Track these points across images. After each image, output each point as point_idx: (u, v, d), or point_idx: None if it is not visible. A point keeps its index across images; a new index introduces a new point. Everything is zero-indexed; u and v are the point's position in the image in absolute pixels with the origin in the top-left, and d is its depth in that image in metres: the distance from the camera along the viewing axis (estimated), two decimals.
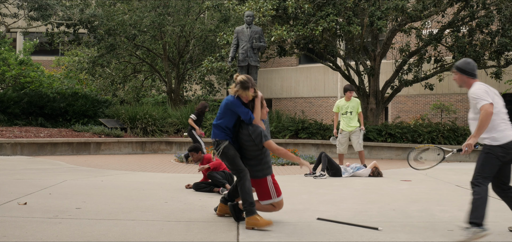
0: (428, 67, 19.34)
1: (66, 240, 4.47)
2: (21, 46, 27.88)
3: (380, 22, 14.95)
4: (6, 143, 14.28)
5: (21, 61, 21.35)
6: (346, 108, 10.73)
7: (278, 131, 17.38)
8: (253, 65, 13.94)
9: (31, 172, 9.61)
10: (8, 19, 21.69)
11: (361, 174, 10.13)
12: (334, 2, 15.43)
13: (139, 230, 4.89)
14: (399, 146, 16.43)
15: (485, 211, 4.54)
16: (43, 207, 5.98)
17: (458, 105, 21.51)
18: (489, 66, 17.00)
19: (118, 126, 17.51)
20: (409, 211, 6.18)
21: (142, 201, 6.62)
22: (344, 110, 10.76)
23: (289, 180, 9.53)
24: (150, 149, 17.19)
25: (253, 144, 5.17)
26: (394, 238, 4.71)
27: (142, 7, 21.58)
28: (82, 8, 19.33)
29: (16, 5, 19.16)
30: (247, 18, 13.95)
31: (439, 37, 16.49)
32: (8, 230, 4.76)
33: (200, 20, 22.77)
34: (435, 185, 8.90)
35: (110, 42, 21.11)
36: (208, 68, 16.86)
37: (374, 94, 17.92)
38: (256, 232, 4.91)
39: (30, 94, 18.45)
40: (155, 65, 25.01)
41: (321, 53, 18.09)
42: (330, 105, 24.94)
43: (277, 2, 15.00)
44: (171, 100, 23.35)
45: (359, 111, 10.80)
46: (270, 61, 24.47)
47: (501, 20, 15.62)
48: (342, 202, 6.82)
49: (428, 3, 15.50)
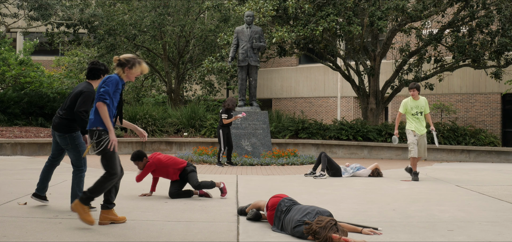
0: (428, 67, 19.34)
1: (66, 240, 4.47)
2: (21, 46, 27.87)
3: (380, 22, 14.95)
4: (6, 143, 14.28)
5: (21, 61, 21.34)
6: (417, 108, 9.54)
7: (278, 131, 17.37)
8: (253, 65, 13.94)
9: (31, 172, 9.61)
10: (8, 19, 21.68)
11: (361, 174, 10.12)
12: (334, 2, 15.43)
13: (139, 230, 4.89)
14: (399, 146, 16.41)
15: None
16: (43, 207, 5.98)
17: (458, 105, 21.51)
18: (489, 66, 17.00)
19: (118, 126, 17.51)
20: (409, 211, 6.18)
21: (142, 201, 6.62)
22: (414, 110, 9.54)
23: (289, 180, 9.53)
24: (150, 149, 17.19)
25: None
26: (394, 238, 4.71)
27: (142, 7, 21.57)
28: (82, 8, 19.33)
29: (16, 5, 19.15)
30: (247, 18, 13.95)
31: (439, 37, 16.49)
32: (8, 230, 4.76)
33: (200, 20, 22.77)
34: (435, 185, 8.90)
35: (110, 42, 21.11)
36: (208, 68, 16.87)
37: (374, 94, 17.92)
38: (256, 232, 4.91)
39: (30, 94, 18.45)
40: (155, 65, 25.00)
41: (321, 53, 18.09)
42: (330, 105, 24.94)
43: (277, 2, 15.00)
44: (171, 100, 23.35)
45: (427, 111, 9.66)
46: (270, 61, 24.47)
47: (501, 20, 15.62)
48: (342, 202, 6.82)
49: (428, 3, 15.50)
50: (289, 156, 13.44)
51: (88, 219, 4.83)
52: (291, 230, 4.69)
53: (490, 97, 21.06)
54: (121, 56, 5.11)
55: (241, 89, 14.27)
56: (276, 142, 16.46)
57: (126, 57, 5.10)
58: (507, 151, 16.38)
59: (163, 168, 6.96)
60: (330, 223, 4.42)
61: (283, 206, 4.96)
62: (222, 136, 12.08)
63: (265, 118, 13.99)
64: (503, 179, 10.08)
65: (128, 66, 5.07)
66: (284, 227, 4.83)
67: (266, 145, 13.76)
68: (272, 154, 13.41)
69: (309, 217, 4.64)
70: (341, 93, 24.51)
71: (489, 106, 21.07)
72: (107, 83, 4.95)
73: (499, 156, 16.28)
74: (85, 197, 4.87)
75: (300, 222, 4.63)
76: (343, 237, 4.38)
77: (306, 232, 4.51)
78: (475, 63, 16.61)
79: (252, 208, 5.48)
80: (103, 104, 4.86)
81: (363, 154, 16.75)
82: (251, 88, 14.13)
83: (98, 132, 4.90)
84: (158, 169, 6.97)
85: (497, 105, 20.91)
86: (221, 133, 12.07)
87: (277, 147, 15.74)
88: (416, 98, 9.53)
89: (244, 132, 13.65)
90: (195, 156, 13.30)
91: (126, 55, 5.13)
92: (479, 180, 9.81)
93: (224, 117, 12.02)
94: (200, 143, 16.44)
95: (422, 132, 9.49)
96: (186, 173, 7.01)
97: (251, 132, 13.72)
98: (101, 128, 4.90)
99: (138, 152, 7.04)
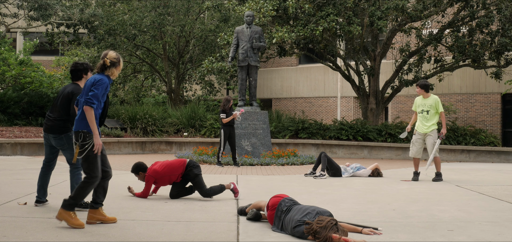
0: (428, 67, 19.33)
1: (66, 240, 4.47)
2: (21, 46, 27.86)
3: (380, 22, 14.95)
4: (6, 143, 14.28)
5: (21, 61, 21.31)
6: (423, 106, 9.38)
7: (278, 131, 17.38)
8: (253, 65, 13.94)
9: (31, 172, 9.61)
10: (8, 19, 21.67)
11: (361, 174, 10.12)
12: (334, 2, 15.43)
13: (139, 230, 4.89)
14: (399, 146, 16.42)
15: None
16: (43, 207, 5.98)
17: (458, 105, 21.51)
18: (489, 66, 17.00)
19: (118, 126, 17.51)
20: (409, 211, 6.18)
21: (142, 201, 6.62)
22: (420, 108, 9.40)
23: (289, 180, 9.53)
24: (150, 149, 17.18)
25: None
26: (394, 238, 4.71)
27: (142, 7, 21.57)
28: (82, 8, 19.32)
29: (16, 5, 19.15)
30: (247, 18, 13.95)
31: (439, 37, 16.49)
32: (8, 230, 4.77)
33: (200, 20, 22.76)
34: (435, 185, 8.90)
35: (110, 42, 21.09)
36: (208, 68, 16.87)
37: (374, 94, 17.92)
38: (256, 232, 4.91)
39: (30, 94, 18.44)
40: (155, 65, 25.00)
41: (321, 53, 18.09)
42: (330, 105, 24.95)
43: (277, 2, 15.00)
44: (171, 100, 23.34)
45: (439, 110, 9.30)
46: (270, 61, 24.46)
47: (501, 20, 15.62)
48: (342, 202, 6.82)
49: (428, 3, 15.50)
50: (289, 156, 13.44)
51: (77, 223, 4.85)
52: (291, 230, 4.69)
53: (490, 97, 21.06)
54: (110, 57, 5.06)
55: (241, 89, 14.27)
56: (276, 142, 16.46)
57: (114, 56, 5.08)
58: (507, 151, 16.38)
59: (161, 178, 6.80)
60: (331, 223, 4.42)
61: (283, 206, 4.96)
62: (223, 136, 12.09)
63: (265, 118, 13.99)
64: (503, 179, 10.08)
65: (117, 65, 5.09)
66: (284, 227, 4.83)
67: (266, 145, 13.76)
68: (272, 154, 13.41)
69: (310, 217, 4.65)
70: (341, 93, 24.51)
71: (489, 106, 21.07)
72: (96, 86, 4.92)
73: (499, 156, 16.28)
74: (68, 204, 4.89)
75: (300, 222, 4.63)
76: (343, 237, 4.39)
77: (307, 232, 4.52)
78: (475, 63, 16.61)
79: (252, 208, 5.49)
80: (90, 108, 4.88)
81: (363, 154, 16.76)
82: (251, 88, 14.13)
83: (83, 134, 4.92)
84: (158, 180, 6.83)
85: (497, 105, 20.91)
86: (222, 133, 12.09)
87: (277, 147, 15.74)
88: (424, 96, 9.40)
89: (244, 132, 13.65)
90: (195, 156, 13.32)
91: (111, 54, 5.08)
92: (479, 180, 9.81)
93: (223, 117, 12.02)
94: (200, 143, 16.44)
95: (424, 131, 9.31)
96: (190, 177, 6.77)
97: (251, 132, 13.72)
98: (85, 131, 4.93)
99: (135, 166, 6.92)
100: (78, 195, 4.94)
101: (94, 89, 4.91)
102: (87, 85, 5.00)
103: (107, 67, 5.04)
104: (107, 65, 5.03)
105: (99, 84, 4.93)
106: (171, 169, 6.78)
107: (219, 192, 6.78)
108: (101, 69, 5.04)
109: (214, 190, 6.77)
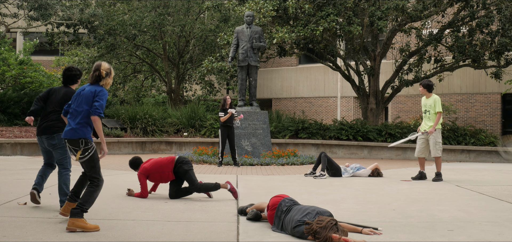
0: (428, 67, 19.33)
1: (66, 240, 4.47)
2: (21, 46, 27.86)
3: (380, 22, 14.95)
4: (6, 143, 14.28)
5: (21, 61, 21.31)
6: (425, 106, 9.42)
7: (278, 131, 17.37)
8: (253, 65, 13.94)
9: (31, 172, 9.60)
10: (8, 19, 21.67)
11: (361, 174, 10.12)
12: (334, 2, 15.43)
13: (139, 230, 4.89)
14: (399, 146, 16.41)
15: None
16: (43, 207, 5.98)
17: (458, 105, 21.52)
18: (489, 66, 17.00)
19: (118, 126, 17.51)
20: (409, 211, 6.18)
21: (142, 201, 6.62)
22: (423, 108, 9.45)
23: (289, 180, 9.53)
24: (150, 149, 17.19)
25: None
26: (394, 238, 4.71)
27: (142, 7, 21.57)
28: (82, 8, 19.31)
29: (16, 5, 19.14)
30: (247, 18, 13.95)
31: (439, 37, 16.49)
32: (8, 230, 4.77)
33: (200, 20, 22.77)
34: (435, 185, 8.90)
35: (110, 42, 21.10)
36: (208, 68, 16.87)
37: (374, 94, 17.92)
38: (256, 232, 4.91)
39: (30, 94, 18.43)
40: (155, 65, 25.00)
41: (321, 53, 18.09)
42: (330, 105, 24.95)
43: (278, 2, 15.00)
44: (171, 100, 23.34)
45: (436, 110, 9.26)
46: (270, 61, 24.47)
47: (501, 20, 15.61)
48: (342, 202, 6.83)
49: (428, 3, 15.50)
50: (289, 156, 13.44)
51: (92, 227, 4.85)
52: (291, 230, 4.69)
53: (490, 97, 21.06)
54: (105, 68, 5.18)
55: (241, 89, 14.27)
56: (276, 142, 16.46)
57: (107, 67, 5.23)
58: (507, 151, 16.37)
59: (152, 175, 6.86)
60: (331, 223, 4.42)
61: (283, 206, 4.96)
62: (221, 136, 12.11)
63: (265, 118, 13.99)
64: (503, 179, 10.08)
65: (110, 75, 5.24)
66: (284, 227, 4.83)
67: (266, 145, 13.76)
68: (272, 154, 13.41)
69: (310, 217, 4.65)
70: (341, 93, 24.51)
71: (489, 106, 21.07)
72: (100, 97, 5.07)
73: (499, 156, 16.28)
74: (77, 211, 4.89)
75: (300, 222, 4.63)
76: (343, 237, 4.39)
77: (307, 232, 4.52)
78: (475, 63, 16.61)
79: (253, 209, 5.49)
80: (99, 118, 5.05)
81: (363, 154, 16.75)
82: (251, 88, 14.13)
83: (85, 141, 5.05)
84: (151, 176, 6.89)
85: (497, 105, 20.91)
86: (220, 133, 12.11)
87: (277, 147, 15.74)
88: (427, 96, 9.42)
89: (244, 132, 13.65)
90: (195, 156, 13.32)
91: (105, 66, 5.22)
92: (479, 180, 9.81)
93: (221, 115, 12.05)
94: (200, 143, 16.44)
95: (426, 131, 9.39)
96: (181, 174, 6.76)
97: (251, 132, 13.72)
98: (86, 138, 5.07)
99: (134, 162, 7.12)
100: (86, 200, 4.99)
101: (98, 100, 5.05)
102: (85, 95, 5.09)
103: (102, 78, 5.17)
104: (103, 76, 5.16)
105: (102, 95, 5.10)
106: (160, 165, 6.83)
107: (213, 189, 6.75)
108: (96, 80, 5.16)
109: (208, 187, 6.77)
